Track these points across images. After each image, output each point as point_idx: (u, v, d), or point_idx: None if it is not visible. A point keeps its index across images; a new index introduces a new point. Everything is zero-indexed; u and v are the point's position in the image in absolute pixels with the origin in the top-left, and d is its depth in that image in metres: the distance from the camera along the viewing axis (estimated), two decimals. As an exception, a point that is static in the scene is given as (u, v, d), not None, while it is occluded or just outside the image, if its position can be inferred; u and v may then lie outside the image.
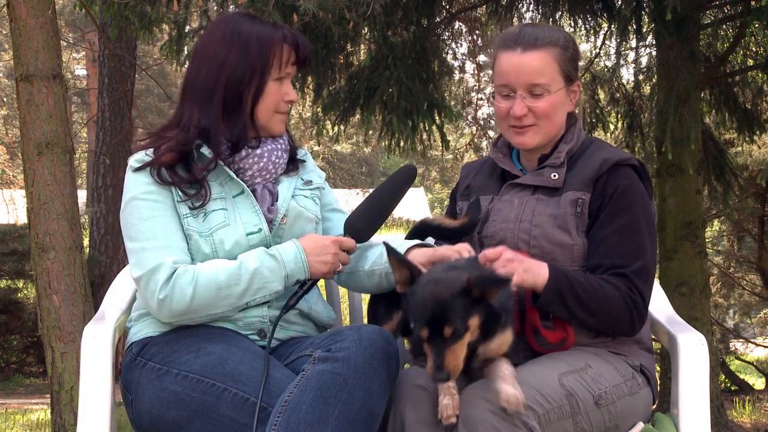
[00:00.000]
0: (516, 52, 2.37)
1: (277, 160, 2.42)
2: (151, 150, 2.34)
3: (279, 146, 2.43)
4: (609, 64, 7.79)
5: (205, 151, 2.33)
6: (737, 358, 11.91)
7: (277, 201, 2.40)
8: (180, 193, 2.31)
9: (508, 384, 2.01)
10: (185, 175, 2.31)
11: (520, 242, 2.35)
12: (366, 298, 2.62)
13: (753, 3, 5.51)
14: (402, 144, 6.03)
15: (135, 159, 2.35)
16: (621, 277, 2.26)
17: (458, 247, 2.30)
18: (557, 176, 2.38)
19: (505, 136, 2.49)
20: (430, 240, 2.56)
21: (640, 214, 2.32)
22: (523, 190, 2.43)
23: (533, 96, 2.37)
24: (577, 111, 2.50)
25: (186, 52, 5.43)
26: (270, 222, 2.36)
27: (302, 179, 2.50)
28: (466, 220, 2.47)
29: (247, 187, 2.36)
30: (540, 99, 2.37)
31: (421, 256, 2.29)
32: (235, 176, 2.35)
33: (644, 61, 7.74)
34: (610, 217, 2.31)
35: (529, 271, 2.17)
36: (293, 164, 2.50)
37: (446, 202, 2.80)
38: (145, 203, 2.29)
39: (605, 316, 2.25)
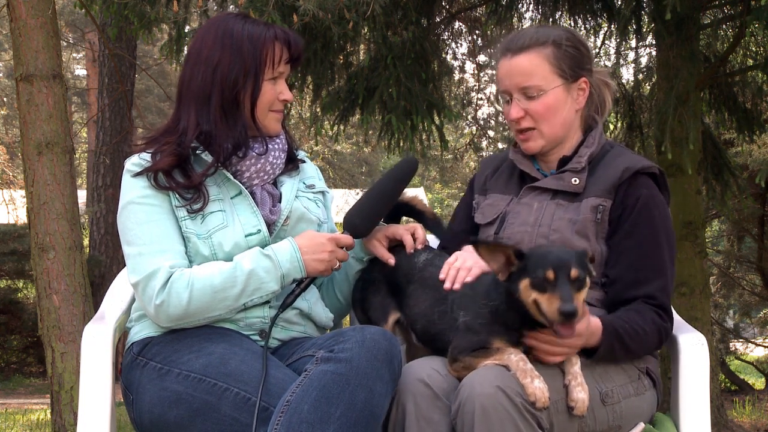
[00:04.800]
0: (507, 57, 2.42)
1: (275, 161, 2.42)
2: (148, 154, 2.34)
3: (276, 146, 2.43)
4: (609, 64, 7.79)
5: (204, 155, 2.33)
6: (737, 358, 11.92)
7: (279, 202, 2.40)
8: (178, 197, 2.30)
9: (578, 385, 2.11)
10: (183, 180, 2.30)
11: None
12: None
13: (753, 3, 5.51)
14: (402, 144, 6.03)
15: (132, 162, 2.34)
16: (650, 302, 2.30)
17: (411, 227, 2.45)
18: (578, 181, 2.39)
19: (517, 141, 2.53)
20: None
21: (661, 227, 2.36)
22: (543, 194, 2.43)
23: (528, 98, 2.40)
24: (604, 113, 2.52)
25: (185, 52, 5.42)
26: (272, 223, 2.36)
27: (304, 183, 2.49)
28: (435, 218, 2.57)
29: (245, 188, 2.36)
30: (534, 100, 2.39)
31: (377, 231, 2.44)
32: (232, 178, 2.34)
33: (644, 61, 7.76)
34: (632, 227, 2.33)
35: (585, 341, 2.17)
36: (293, 164, 2.50)
37: (447, 202, 2.79)
38: (141, 207, 2.29)
39: (643, 352, 2.33)
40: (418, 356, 2.32)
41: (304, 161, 2.55)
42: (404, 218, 2.62)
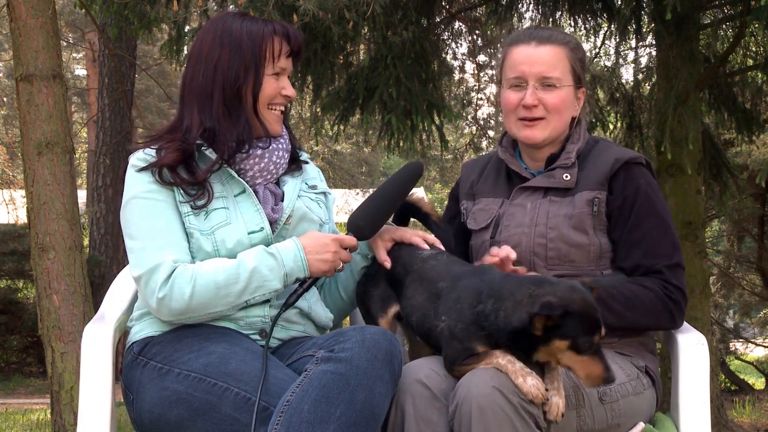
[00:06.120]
0: (530, 45, 2.45)
1: (278, 160, 2.42)
2: (153, 149, 2.34)
3: (280, 146, 2.44)
4: (609, 64, 7.80)
5: (208, 152, 2.34)
6: (737, 358, 11.94)
7: (282, 201, 2.40)
8: (182, 193, 2.31)
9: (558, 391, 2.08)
10: (187, 176, 2.31)
11: (536, 246, 2.36)
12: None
13: (753, 3, 5.51)
14: (402, 144, 6.03)
15: (136, 158, 2.34)
16: (655, 275, 2.33)
17: (422, 235, 2.43)
18: (569, 177, 2.40)
19: (512, 132, 2.50)
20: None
21: (665, 212, 2.41)
22: (534, 193, 2.44)
23: (544, 88, 2.42)
24: (587, 113, 2.56)
25: (185, 52, 5.43)
26: (274, 222, 2.37)
27: (307, 183, 2.50)
28: (440, 222, 2.50)
29: (249, 187, 2.37)
30: (551, 92, 2.42)
31: (385, 232, 2.42)
32: (236, 175, 2.35)
33: (644, 61, 7.77)
34: (639, 218, 2.37)
35: None
36: (295, 164, 2.51)
37: (446, 202, 2.79)
38: (146, 202, 2.29)
39: (645, 320, 2.34)
40: (421, 356, 2.32)
41: (307, 162, 2.56)
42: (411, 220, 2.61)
